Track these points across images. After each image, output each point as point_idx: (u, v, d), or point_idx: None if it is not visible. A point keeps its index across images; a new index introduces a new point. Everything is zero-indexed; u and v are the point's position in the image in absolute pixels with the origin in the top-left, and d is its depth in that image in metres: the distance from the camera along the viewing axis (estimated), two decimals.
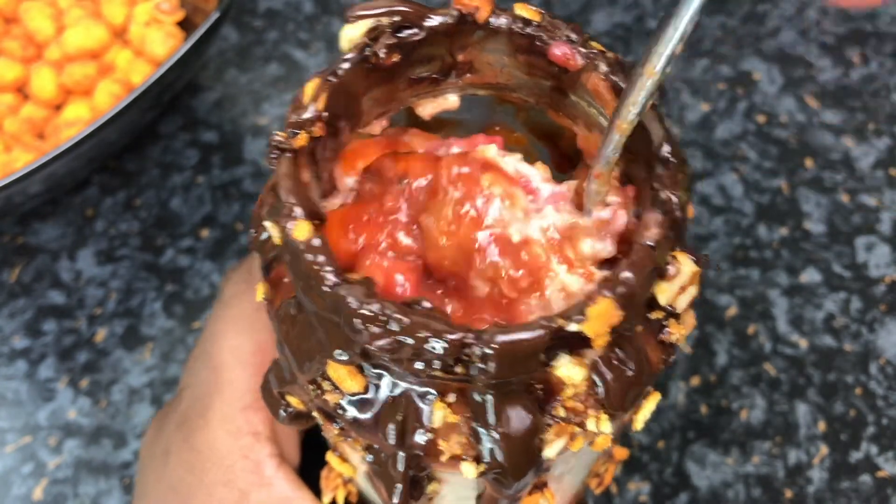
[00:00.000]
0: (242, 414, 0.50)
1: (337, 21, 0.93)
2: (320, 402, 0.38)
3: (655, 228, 0.34)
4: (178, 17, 0.81)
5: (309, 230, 0.34)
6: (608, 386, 0.35)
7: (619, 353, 0.35)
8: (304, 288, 0.34)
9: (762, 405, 0.69)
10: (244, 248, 0.78)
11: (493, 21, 0.40)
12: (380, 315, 0.32)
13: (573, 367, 0.34)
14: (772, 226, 0.78)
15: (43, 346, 0.74)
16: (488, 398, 0.34)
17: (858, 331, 0.73)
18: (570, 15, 0.92)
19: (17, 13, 0.82)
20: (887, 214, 0.78)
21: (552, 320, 0.32)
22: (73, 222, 0.80)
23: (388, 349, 0.32)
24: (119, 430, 0.70)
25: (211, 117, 0.86)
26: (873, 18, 0.92)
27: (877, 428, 0.68)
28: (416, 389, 0.36)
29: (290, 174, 0.36)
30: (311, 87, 0.38)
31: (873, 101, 0.86)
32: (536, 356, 0.32)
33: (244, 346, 0.52)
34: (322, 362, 0.36)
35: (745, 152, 0.82)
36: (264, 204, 0.40)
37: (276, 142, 0.37)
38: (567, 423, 0.35)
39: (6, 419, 0.70)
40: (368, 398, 0.36)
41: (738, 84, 0.87)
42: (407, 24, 0.40)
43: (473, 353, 0.32)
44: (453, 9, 0.40)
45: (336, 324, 0.33)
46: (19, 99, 0.79)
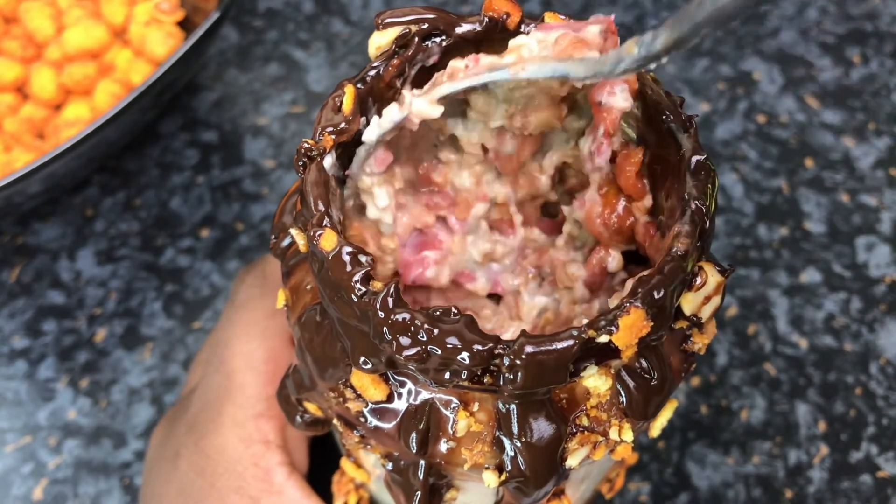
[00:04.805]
0: (254, 421, 0.50)
1: (337, 21, 0.93)
2: (341, 409, 0.38)
3: (685, 239, 0.34)
4: (178, 17, 0.81)
5: (336, 239, 0.34)
6: (632, 395, 0.35)
7: (643, 363, 0.35)
8: (331, 296, 0.34)
9: (762, 405, 0.69)
10: (244, 248, 0.78)
11: (523, 29, 0.40)
12: (409, 325, 0.32)
13: (600, 378, 0.34)
14: (772, 226, 0.78)
15: (43, 346, 0.74)
16: (513, 408, 0.34)
17: (858, 331, 0.73)
18: (570, 14, 0.92)
19: (17, 13, 0.81)
20: (887, 214, 0.79)
21: (582, 331, 0.32)
22: (73, 222, 0.80)
23: (416, 359, 0.32)
24: (119, 430, 0.70)
25: (211, 117, 0.86)
26: (873, 18, 0.92)
27: (877, 428, 0.68)
28: (440, 398, 0.36)
29: (318, 182, 0.35)
30: (350, 96, 0.38)
31: (873, 101, 0.86)
32: (565, 367, 0.32)
33: (256, 353, 0.52)
34: (346, 370, 0.36)
35: (745, 152, 0.82)
36: (286, 211, 0.40)
37: (304, 149, 0.36)
38: (590, 433, 0.35)
39: (6, 419, 0.70)
40: (391, 407, 0.36)
41: (738, 84, 0.87)
42: (435, 31, 0.40)
43: (502, 363, 0.32)
44: (483, 16, 0.40)
45: (363, 332, 0.33)
46: (19, 99, 0.79)
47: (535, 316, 0.46)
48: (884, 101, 0.86)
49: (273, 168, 0.82)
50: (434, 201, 0.46)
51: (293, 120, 0.85)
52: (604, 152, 0.40)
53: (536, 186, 0.46)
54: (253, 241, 0.79)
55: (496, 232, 0.47)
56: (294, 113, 0.86)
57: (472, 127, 0.43)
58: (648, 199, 0.40)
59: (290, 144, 0.84)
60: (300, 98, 0.87)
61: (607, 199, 0.41)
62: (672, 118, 0.37)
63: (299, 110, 0.86)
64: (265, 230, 0.79)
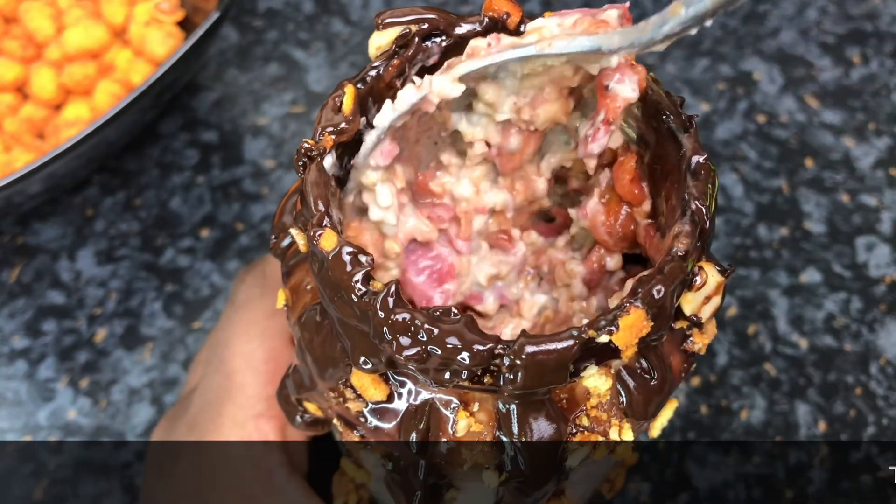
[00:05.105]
0: (254, 422, 0.50)
1: (337, 21, 0.93)
2: (341, 409, 0.38)
3: (685, 239, 0.34)
4: (178, 17, 0.81)
5: (336, 239, 0.34)
6: (632, 395, 0.35)
7: (644, 363, 0.35)
8: (331, 296, 0.34)
9: (762, 405, 0.69)
10: (244, 248, 0.78)
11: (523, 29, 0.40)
12: (409, 325, 0.32)
13: (600, 378, 0.34)
14: (772, 226, 0.78)
15: (43, 346, 0.74)
16: (513, 408, 0.34)
17: (858, 331, 0.73)
18: None
19: (17, 13, 0.81)
20: (887, 214, 0.79)
21: (582, 331, 0.32)
22: (73, 222, 0.80)
23: (416, 359, 0.32)
24: (119, 430, 0.70)
25: (211, 117, 0.86)
26: (873, 18, 0.92)
27: (877, 428, 0.68)
28: (440, 398, 0.36)
29: (318, 182, 0.35)
30: (350, 96, 0.38)
31: (873, 101, 0.86)
32: (565, 367, 0.32)
33: (256, 353, 0.52)
34: (346, 370, 0.36)
35: (745, 152, 0.82)
36: (286, 211, 0.40)
37: (304, 149, 0.36)
38: (590, 433, 0.35)
39: (6, 419, 0.70)
40: (391, 407, 0.36)
41: (738, 84, 0.87)
42: (435, 31, 0.40)
43: (502, 363, 0.32)
44: (483, 16, 0.40)
45: (363, 332, 0.33)
46: (19, 99, 0.79)
47: (536, 314, 0.47)
48: (884, 101, 0.86)
49: (273, 168, 0.82)
50: (436, 214, 0.46)
51: (293, 120, 0.85)
52: (599, 139, 0.40)
53: (533, 190, 0.46)
54: (253, 241, 0.79)
55: (498, 250, 0.48)
56: (294, 113, 0.86)
57: (477, 121, 0.43)
58: (647, 203, 0.40)
59: (290, 144, 0.84)
60: (300, 98, 0.87)
61: (609, 207, 0.42)
62: (672, 118, 0.37)
63: (299, 110, 0.86)
64: (265, 230, 0.79)
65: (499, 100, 0.41)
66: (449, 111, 0.43)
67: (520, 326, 0.46)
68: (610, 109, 0.38)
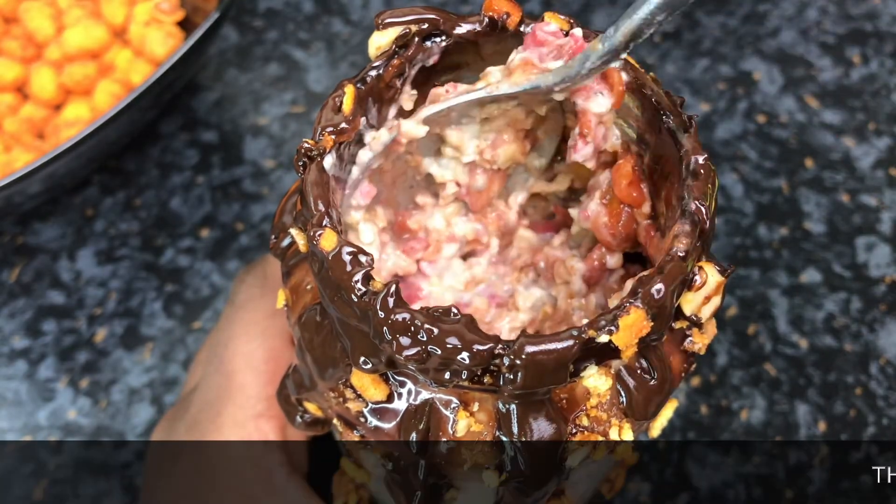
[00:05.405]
0: (254, 422, 0.50)
1: (337, 21, 0.93)
2: (341, 409, 0.38)
3: (685, 239, 0.34)
4: (178, 17, 0.81)
5: (336, 239, 0.34)
6: (632, 395, 0.35)
7: (643, 363, 0.35)
8: (331, 296, 0.34)
9: (762, 405, 0.69)
10: (244, 248, 0.78)
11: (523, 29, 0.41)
12: (409, 325, 0.32)
13: (600, 378, 0.34)
14: (772, 226, 0.78)
15: (43, 346, 0.74)
16: (513, 408, 0.34)
17: (858, 331, 0.73)
18: (570, 15, 0.92)
19: (17, 13, 0.82)
20: (887, 214, 0.78)
21: (582, 331, 0.32)
22: (73, 222, 0.80)
23: (416, 359, 0.32)
24: (119, 430, 0.70)
25: (211, 117, 0.86)
26: (873, 18, 0.92)
27: (877, 428, 0.68)
28: (440, 398, 0.36)
29: (318, 182, 0.35)
30: (350, 96, 0.38)
31: (873, 101, 0.86)
32: (565, 367, 0.32)
33: (257, 353, 0.52)
34: (346, 370, 0.36)
35: (745, 152, 0.82)
36: (286, 211, 0.40)
37: (304, 149, 0.36)
38: (590, 433, 0.35)
39: (6, 419, 0.70)
40: (391, 407, 0.36)
41: (738, 84, 0.87)
42: (435, 31, 0.40)
43: (502, 363, 0.32)
44: (483, 16, 0.40)
45: (363, 332, 0.33)
46: (19, 99, 0.79)
47: (530, 307, 0.47)
48: (884, 101, 0.86)
49: (273, 168, 0.82)
50: (410, 246, 0.48)
51: (293, 120, 0.85)
52: (580, 150, 0.41)
53: (505, 221, 0.49)
54: (253, 241, 0.78)
55: (470, 257, 0.50)
56: (294, 113, 0.86)
57: (447, 164, 0.46)
58: (647, 204, 0.40)
59: (290, 144, 0.84)
60: (300, 98, 0.87)
61: (611, 208, 0.42)
62: (672, 118, 0.37)
63: (299, 110, 0.86)
64: (265, 230, 0.79)
65: (463, 143, 0.44)
66: (421, 156, 0.45)
67: (517, 320, 0.47)
68: (583, 124, 0.40)
